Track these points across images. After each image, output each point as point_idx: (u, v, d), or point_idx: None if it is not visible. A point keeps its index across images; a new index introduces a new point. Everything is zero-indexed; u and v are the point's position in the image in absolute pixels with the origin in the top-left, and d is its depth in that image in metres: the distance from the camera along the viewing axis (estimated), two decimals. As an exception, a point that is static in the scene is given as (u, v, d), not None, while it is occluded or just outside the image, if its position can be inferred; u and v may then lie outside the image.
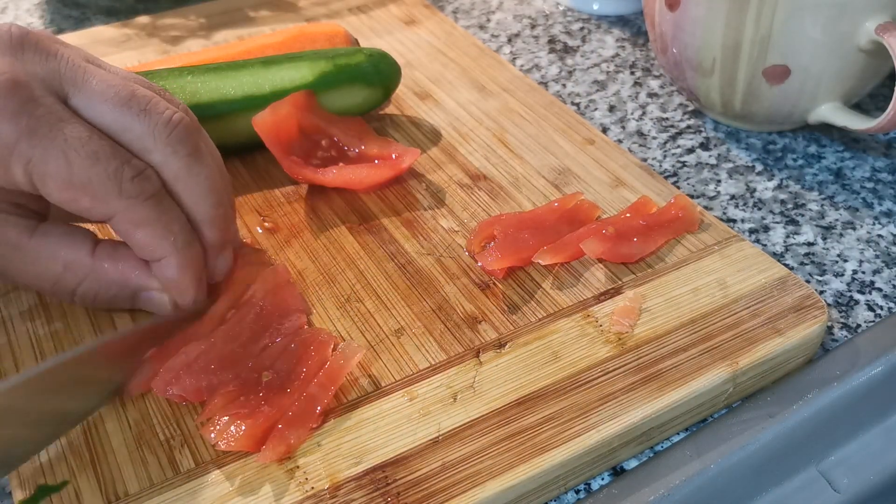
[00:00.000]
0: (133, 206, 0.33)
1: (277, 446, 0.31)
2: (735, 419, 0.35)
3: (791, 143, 0.50)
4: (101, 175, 0.32)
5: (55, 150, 0.31)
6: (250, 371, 0.34)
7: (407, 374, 0.35)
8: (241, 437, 0.31)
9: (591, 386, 0.34)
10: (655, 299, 0.37)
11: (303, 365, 0.34)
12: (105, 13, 0.66)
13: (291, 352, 0.35)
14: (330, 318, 0.37)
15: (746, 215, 0.45)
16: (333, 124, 0.45)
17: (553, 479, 0.32)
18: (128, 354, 0.34)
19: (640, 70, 0.57)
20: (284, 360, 0.34)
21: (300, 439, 0.32)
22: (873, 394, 0.36)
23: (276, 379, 0.34)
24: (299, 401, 0.33)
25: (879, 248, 0.43)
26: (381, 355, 0.36)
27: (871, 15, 0.42)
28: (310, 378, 0.33)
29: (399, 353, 0.36)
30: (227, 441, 0.31)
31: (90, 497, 0.31)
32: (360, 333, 0.37)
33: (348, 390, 0.34)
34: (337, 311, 0.38)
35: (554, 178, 0.45)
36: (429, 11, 0.61)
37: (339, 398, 0.34)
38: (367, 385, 0.34)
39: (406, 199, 0.44)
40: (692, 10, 0.45)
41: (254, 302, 0.37)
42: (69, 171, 0.31)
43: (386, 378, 0.35)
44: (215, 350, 0.34)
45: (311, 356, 0.34)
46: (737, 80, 0.46)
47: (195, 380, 0.33)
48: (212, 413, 0.32)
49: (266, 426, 0.32)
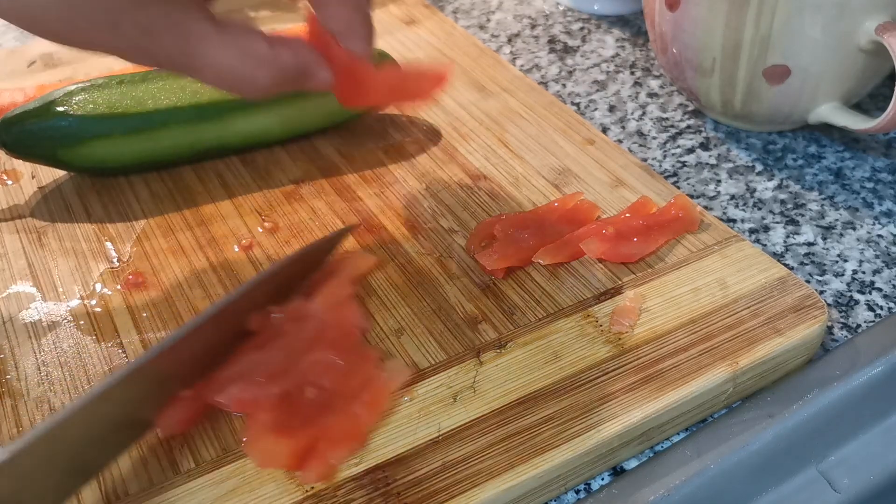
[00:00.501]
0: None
1: (318, 467, 0.31)
2: (735, 419, 0.35)
3: (791, 143, 0.50)
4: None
5: (209, 73, 0.32)
6: (295, 386, 0.33)
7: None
8: (281, 455, 0.31)
9: (591, 386, 0.34)
10: (655, 299, 0.37)
11: (347, 382, 0.33)
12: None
13: (337, 368, 0.34)
14: (330, 318, 0.37)
15: (746, 215, 0.45)
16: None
17: (553, 479, 0.32)
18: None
19: (640, 70, 0.57)
20: (329, 377, 0.33)
21: (342, 460, 0.31)
22: (873, 394, 0.36)
23: (319, 396, 0.33)
24: (342, 420, 0.32)
25: (879, 248, 0.43)
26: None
27: (870, 15, 0.42)
28: (353, 397, 0.33)
29: (399, 353, 0.36)
30: (266, 459, 0.31)
31: (90, 497, 0.31)
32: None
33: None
34: (337, 311, 0.38)
35: (554, 178, 0.45)
36: (429, 11, 0.61)
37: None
38: (367, 385, 0.34)
39: (406, 199, 0.44)
40: (692, 10, 0.45)
41: (314, 315, 0.36)
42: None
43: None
44: (267, 362, 0.33)
45: (355, 374, 0.33)
46: (737, 80, 0.46)
47: (241, 391, 0.32)
48: (253, 429, 0.32)
49: (307, 445, 0.31)
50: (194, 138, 0.41)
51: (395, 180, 0.45)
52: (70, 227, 0.43)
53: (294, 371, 0.33)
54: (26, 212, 0.44)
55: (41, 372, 0.35)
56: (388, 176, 0.46)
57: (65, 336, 0.37)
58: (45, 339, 0.37)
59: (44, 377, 0.35)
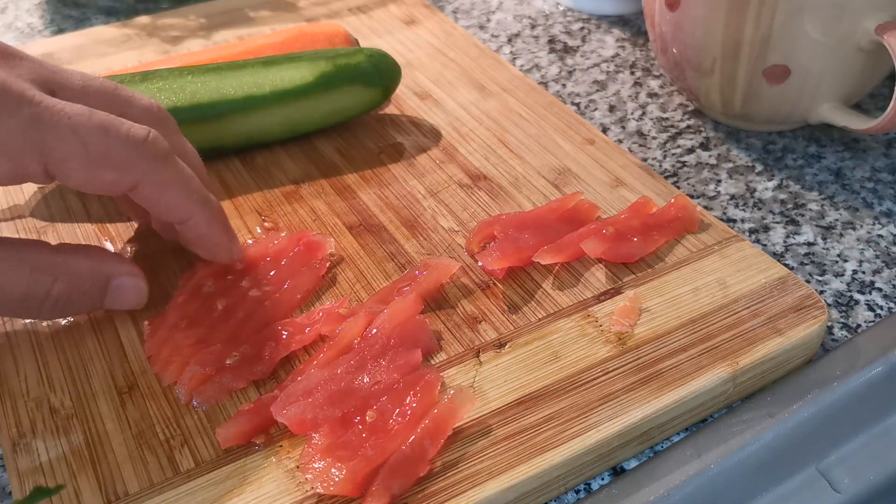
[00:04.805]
0: (156, 167, 0.33)
1: (381, 496, 0.30)
2: (735, 419, 0.35)
3: (791, 142, 0.50)
4: (116, 143, 0.32)
5: (64, 130, 0.31)
6: (357, 408, 0.32)
7: (407, 373, 0.35)
8: (341, 481, 0.30)
9: (591, 386, 0.34)
10: (655, 299, 0.37)
11: (408, 406, 0.32)
12: (105, 13, 0.66)
13: (398, 391, 0.33)
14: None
15: (746, 215, 0.45)
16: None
17: (553, 479, 0.32)
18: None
19: (640, 70, 0.57)
20: (390, 400, 0.32)
21: (405, 489, 0.30)
22: (873, 393, 0.36)
23: (380, 419, 0.32)
24: (405, 448, 0.31)
25: (879, 247, 0.43)
26: (381, 355, 0.36)
27: (870, 15, 0.42)
28: (415, 423, 0.31)
29: (399, 352, 0.36)
30: (326, 484, 0.30)
31: (90, 497, 0.31)
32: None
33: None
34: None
35: (554, 178, 0.45)
36: (429, 11, 0.61)
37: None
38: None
39: (406, 199, 0.44)
40: (692, 10, 0.45)
41: (382, 332, 0.35)
42: (84, 147, 0.31)
43: (386, 378, 0.35)
44: (332, 381, 0.33)
45: (416, 397, 0.32)
46: (737, 80, 0.46)
47: (302, 411, 0.32)
48: (313, 452, 0.31)
49: (368, 471, 0.30)
50: (194, 138, 0.41)
51: (394, 180, 0.45)
52: (70, 226, 0.43)
53: (357, 391, 0.33)
54: (26, 212, 0.44)
55: (41, 372, 0.35)
56: (387, 176, 0.46)
57: (65, 335, 0.37)
58: (44, 338, 0.37)
59: (44, 377, 0.35)
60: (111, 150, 0.32)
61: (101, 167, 0.32)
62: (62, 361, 0.36)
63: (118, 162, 0.32)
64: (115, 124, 0.32)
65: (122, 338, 0.37)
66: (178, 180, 0.34)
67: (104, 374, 0.35)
